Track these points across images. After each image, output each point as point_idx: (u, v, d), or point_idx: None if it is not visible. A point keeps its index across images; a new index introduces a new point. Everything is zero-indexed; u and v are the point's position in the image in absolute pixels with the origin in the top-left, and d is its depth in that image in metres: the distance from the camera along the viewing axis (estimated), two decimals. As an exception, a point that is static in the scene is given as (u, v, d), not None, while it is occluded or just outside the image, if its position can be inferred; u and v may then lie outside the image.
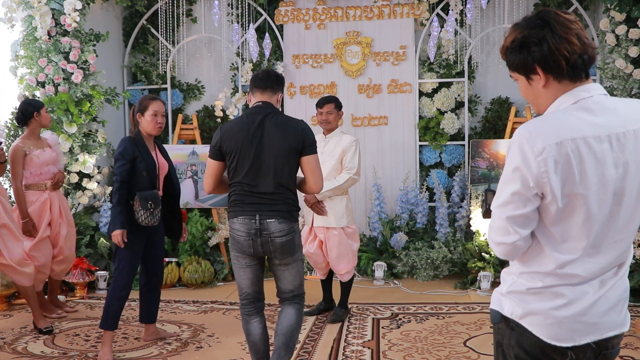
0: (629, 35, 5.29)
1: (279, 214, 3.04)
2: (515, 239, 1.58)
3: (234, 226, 3.09)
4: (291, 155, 3.06)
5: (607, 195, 1.54)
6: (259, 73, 3.22)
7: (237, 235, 3.08)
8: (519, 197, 1.55)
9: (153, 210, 3.81)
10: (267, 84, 3.18)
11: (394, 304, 5.17)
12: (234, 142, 3.07)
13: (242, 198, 3.07)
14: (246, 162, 3.05)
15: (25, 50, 5.66)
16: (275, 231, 3.03)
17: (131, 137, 3.90)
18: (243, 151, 3.05)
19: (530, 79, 1.63)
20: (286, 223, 3.06)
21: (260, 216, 3.02)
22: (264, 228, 3.03)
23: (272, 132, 3.06)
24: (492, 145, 5.98)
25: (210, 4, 6.81)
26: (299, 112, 6.70)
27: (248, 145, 3.05)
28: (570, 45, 1.54)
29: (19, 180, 4.51)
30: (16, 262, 4.31)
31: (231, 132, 3.09)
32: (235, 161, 3.07)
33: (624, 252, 1.62)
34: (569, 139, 1.50)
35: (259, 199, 3.03)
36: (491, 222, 1.65)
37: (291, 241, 3.09)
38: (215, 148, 3.13)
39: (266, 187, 3.03)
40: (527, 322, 1.62)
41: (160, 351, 4.03)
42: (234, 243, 3.12)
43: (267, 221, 3.02)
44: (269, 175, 3.03)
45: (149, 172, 3.85)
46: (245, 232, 3.05)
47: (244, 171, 3.05)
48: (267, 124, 3.07)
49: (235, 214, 3.09)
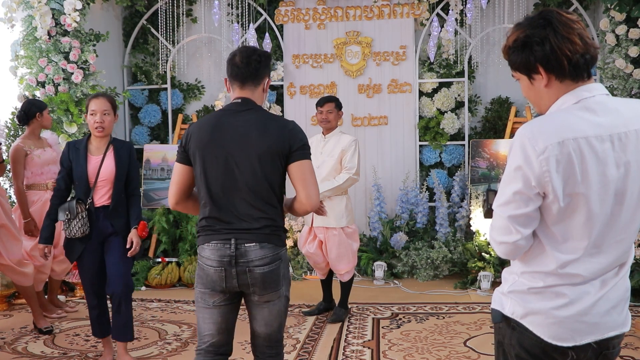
0: (629, 35, 5.30)
1: (259, 237, 2.39)
2: (516, 239, 1.58)
3: (203, 254, 2.45)
4: (274, 162, 2.39)
5: (608, 195, 1.54)
6: (236, 56, 2.48)
7: (206, 266, 2.43)
8: (521, 197, 1.55)
9: (70, 221, 3.46)
10: (247, 75, 2.46)
11: (394, 304, 5.17)
12: (199, 143, 2.42)
13: (213, 218, 2.42)
14: (216, 171, 2.40)
15: (25, 50, 5.66)
16: (255, 258, 2.39)
17: (73, 142, 3.63)
18: (211, 156, 2.40)
19: (533, 78, 1.63)
20: (269, 248, 2.41)
21: (236, 240, 2.38)
22: (240, 254, 2.39)
23: (250, 132, 2.40)
24: (492, 145, 5.98)
25: (210, 4, 6.81)
26: (299, 112, 6.71)
27: (218, 149, 2.40)
28: (573, 45, 1.54)
29: (20, 180, 4.51)
30: (15, 262, 4.32)
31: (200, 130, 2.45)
32: (201, 168, 2.42)
33: (625, 252, 1.62)
34: (570, 139, 1.50)
35: (234, 218, 2.40)
36: (493, 221, 1.65)
37: (275, 271, 2.44)
38: (182, 148, 2.49)
39: (242, 203, 2.40)
40: (528, 321, 1.62)
41: (160, 351, 4.03)
42: (201, 276, 2.46)
43: (245, 246, 2.38)
44: (246, 188, 2.39)
45: (79, 181, 3.53)
46: (217, 261, 2.40)
47: (214, 181, 2.41)
48: (244, 122, 2.42)
49: (204, 238, 2.45)
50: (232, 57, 2.49)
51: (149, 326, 4.58)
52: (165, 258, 5.93)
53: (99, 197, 3.58)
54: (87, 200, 3.53)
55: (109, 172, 3.56)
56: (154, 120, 6.98)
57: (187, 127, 2.50)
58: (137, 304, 5.20)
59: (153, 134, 7.08)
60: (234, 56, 2.49)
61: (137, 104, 7.06)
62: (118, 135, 6.87)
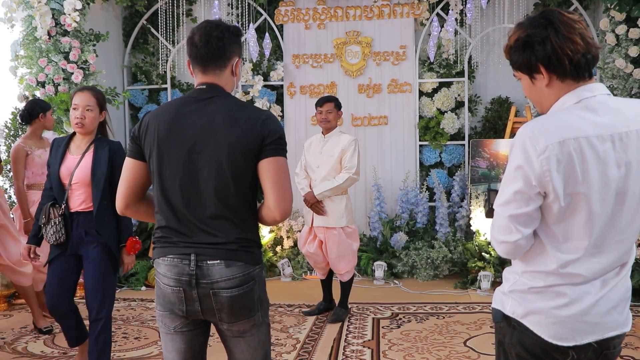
0: (629, 35, 5.30)
1: (226, 253, 1.95)
2: (517, 238, 1.58)
3: (159, 269, 2.02)
4: (245, 159, 1.94)
5: (609, 195, 1.54)
6: (195, 34, 2.03)
7: (163, 284, 2.01)
8: (522, 196, 1.55)
9: (45, 225, 3.17)
10: (208, 56, 2.02)
11: (394, 303, 5.17)
12: (155, 136, 2.00)
13: (170, 228, 1.99)
14: (174, 171, 1.97)
15: (25, 50, 5.66)
16: (220, 279, 1.94)
17: (59, 139, 3.35)
18: (168, 153, 1.98)
19: (534, 78, 1.63)
20: (238, 267, 1.96)
21: (197, 256, 1.95)
22: (202, 274, 1.94)
23: (215, 124, 1.96)
24: (492, 145, 5.98)
25: (210, 4, 6.81)
26: (299, 112, 6.71)
27: (176, 145, 1.97)
28: (574, 44, 1.54)
29: (20, 180, 4.53)
30: (14, 263, 4.33)
31: (157, 121, 2.02)
32: (157, 167, 2.00)
33: (626, 253, 1.62)
34: (571, 138, 1.50)
35: (195, 228, 1.96)
36: (494, 221, 1.65)
37: (248, 295, 1.99)
38: (135, 140, 2.06)
39: (205, 209, 1.96)
40: (529, 321, 1.62)
41: (160, 351, 4.03)
42: (159, 295, 2.04)
43: (207, 263, 1.94)
44: (209, 190, 1.95)
45: (53, 182, 3.23)
46: (175, 280, 1.97)
47: (171, 183, 1.98)
48: (208, 113, 1.98)
49: (160, 251, 2.02)
50: (191, 35, 2.04)
51: (149, 326, 4.57)
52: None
53: (75, 201, 3.21)
54: (62, 204, 3.19)
55: (83, 175, 3.18)
56: (154, 120, 6.96)
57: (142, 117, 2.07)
58: (137, 304, 5.20)
59: (153, 134, 7.08)
60: (192, 34, 2.04)
61: (137, 104, 7.06)
62: (118, 135, 6.88)
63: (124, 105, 6.92)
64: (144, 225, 6.23)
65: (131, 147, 2.06)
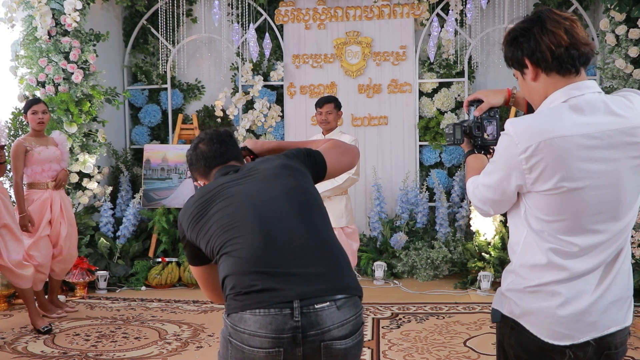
0: (629, 35, 5.29)
1: (339, 290, 1.63)
2: (488, 211, 1.73)
3: (244, 327, 1.64)
4: (304, 176, 1.81)
5: (595, 192, 1.54)
6: (192, 154, 1.96)
7: (248, 348, 1.63)
8: (499, 186, 1.63)
9: None
10: (222, 154, 1.92)
11: (394, 303, 5.17)
12: (203, 204, 1.81)
13: (256, 276, 1.64)
14: (240, 221, 1.72)
15: (25, 50, 5.66)
16: (333, 326, 1.59)
17: None
18: (223, 198, 1.79)
19: (524, 73, 1.67)
20: (353, 306, 1.66)
21: (301, 301, 1.58)
22: (311, 323, 1.58)
23: (262, 170, 1.84)
24: (492, 145, 5.98)
25: (210, 4, 6.81)
26: (299, 112, 6.72)
27: (231, 190, 1.80)
28: (556, 37, 1.57)
29: (18, 175, 4.58)
30: (15, 264, 4.32)
31: (197, 201, 1.84)
32: (218, 218, 1.76)
33: (617, 249, 1.61)
34: (555, 137, 1.52)
35: (292, 262, 1.64)
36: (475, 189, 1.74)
37: (361, 344, 1.70)
38: (188, 244, 1.87)
39: (298, 237, 1.67)
40: (525, 321, 1.63)
41: (160, 351, 4.03)
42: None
43: (315, 307, 1.58)
44: (291, 216, 1.70)
45: None
46: (273, 338, 1.58)
47: (243, 237, 1.69)
48: (249, 169, 1.87)
49: (245, 305, 1.64)
50: (190, 153, 1.97)
51: (149, 326, 4.58)
52: (165, 258, 5.93)
53: None
54: None
55: None
56: (154, 120, 6.98)
57: (178, 220, 1.92)
58: (137, 304, 5.21)
59: (153, 134, 7.09)
60: (191, 153, 1.96)
61: (137, 104, 7.06)
62: (119, 135, 6.90)
63: (124, 105, 6.92)
64: (144, 225, 6.23)
65: (187, 254, 1.92)
